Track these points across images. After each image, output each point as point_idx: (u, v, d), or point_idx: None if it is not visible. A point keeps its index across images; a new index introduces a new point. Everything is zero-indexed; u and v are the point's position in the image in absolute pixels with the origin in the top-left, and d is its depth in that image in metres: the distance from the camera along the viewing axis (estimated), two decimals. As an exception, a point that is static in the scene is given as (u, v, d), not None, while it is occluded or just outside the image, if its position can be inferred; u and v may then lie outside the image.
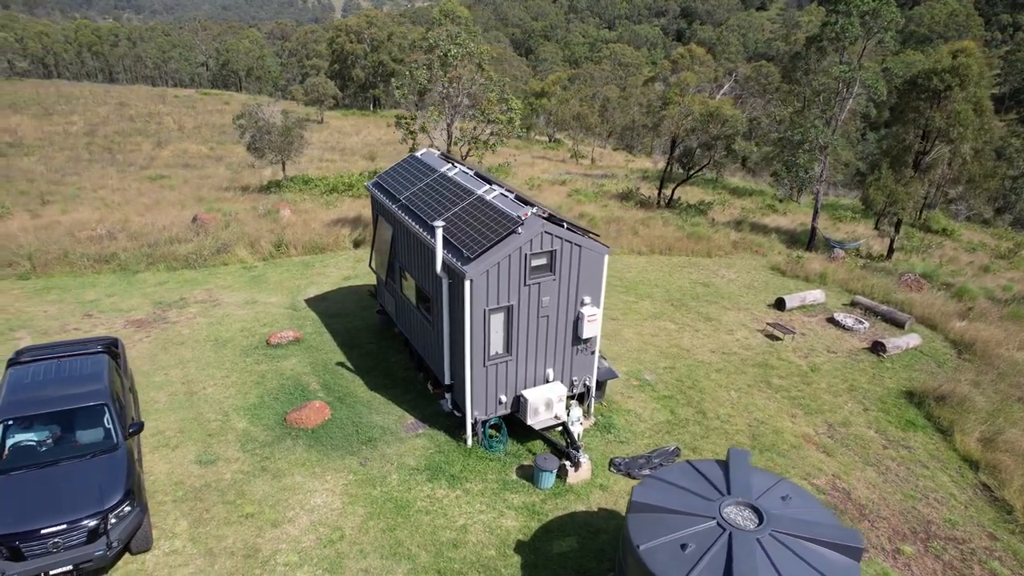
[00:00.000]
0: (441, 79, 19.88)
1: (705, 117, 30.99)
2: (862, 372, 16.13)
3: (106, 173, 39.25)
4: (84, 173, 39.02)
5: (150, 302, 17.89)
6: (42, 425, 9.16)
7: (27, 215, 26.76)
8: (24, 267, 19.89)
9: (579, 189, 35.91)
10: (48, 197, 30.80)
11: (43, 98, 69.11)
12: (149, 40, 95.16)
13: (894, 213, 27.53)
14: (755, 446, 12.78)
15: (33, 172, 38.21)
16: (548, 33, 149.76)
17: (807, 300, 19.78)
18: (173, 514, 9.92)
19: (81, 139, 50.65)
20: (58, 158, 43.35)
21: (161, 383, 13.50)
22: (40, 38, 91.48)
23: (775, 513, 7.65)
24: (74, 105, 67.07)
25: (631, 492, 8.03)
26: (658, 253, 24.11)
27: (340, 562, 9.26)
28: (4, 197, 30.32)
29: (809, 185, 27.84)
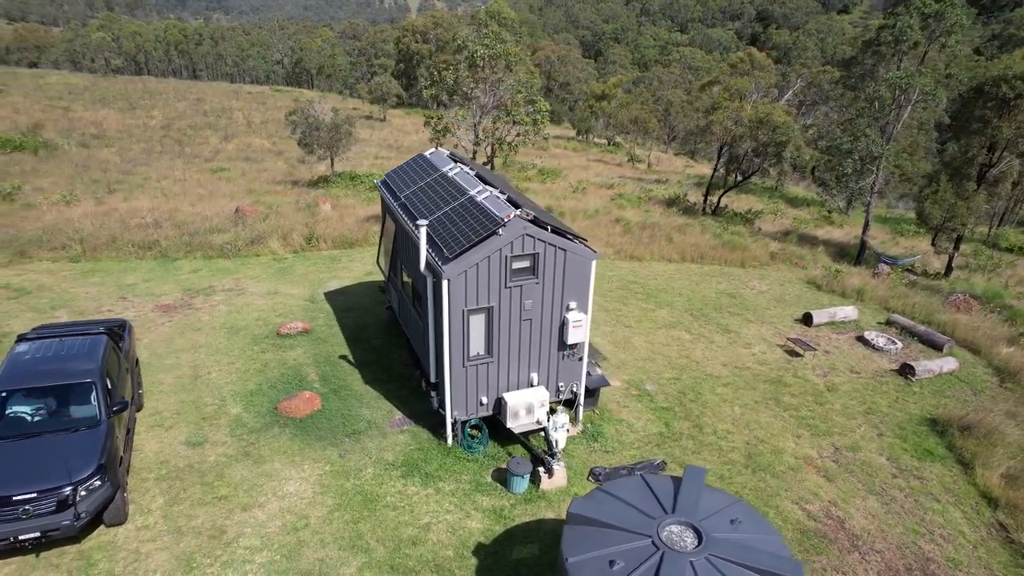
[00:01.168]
0: (467, 80, 20.01)
1: (754, 123, 30.00)
2: (884, 395, 15.26)
3: (173, 165, 41.34)
4: (153, 164, 41.21)
5: (181, 288, 18.75)
6: (34, 398, 9.75)
7: (93, 202, 28.49)
8: (76, 250, 21.21)
9: (623, 194, 35.42)
10: (115, 186, 32.69)
11: (130, 93, 73.50)
12: (230, 39, 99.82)
13: (952, 229, 25.92)
14: (749, 465, 12.30)
15: (109, 162, 40.60)
16: (619, 36, 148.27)
17: (837, 316, 18.87)
18: (152, 491, 10.37)
19: (157, 132, 53.54)
20: (134, 150, 45.94)
21: (171, 366, 14.13)
22: (134, 37, 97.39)
23: (717, 536, 7.35)
24: (156, 100, 71.05)
25: (570, 503, 7.87)
26: (689, 261, 23.51)
27: (299, 550, 9.46)
28: (77, 185, 32.41)
29: (860, 197, 26.51)
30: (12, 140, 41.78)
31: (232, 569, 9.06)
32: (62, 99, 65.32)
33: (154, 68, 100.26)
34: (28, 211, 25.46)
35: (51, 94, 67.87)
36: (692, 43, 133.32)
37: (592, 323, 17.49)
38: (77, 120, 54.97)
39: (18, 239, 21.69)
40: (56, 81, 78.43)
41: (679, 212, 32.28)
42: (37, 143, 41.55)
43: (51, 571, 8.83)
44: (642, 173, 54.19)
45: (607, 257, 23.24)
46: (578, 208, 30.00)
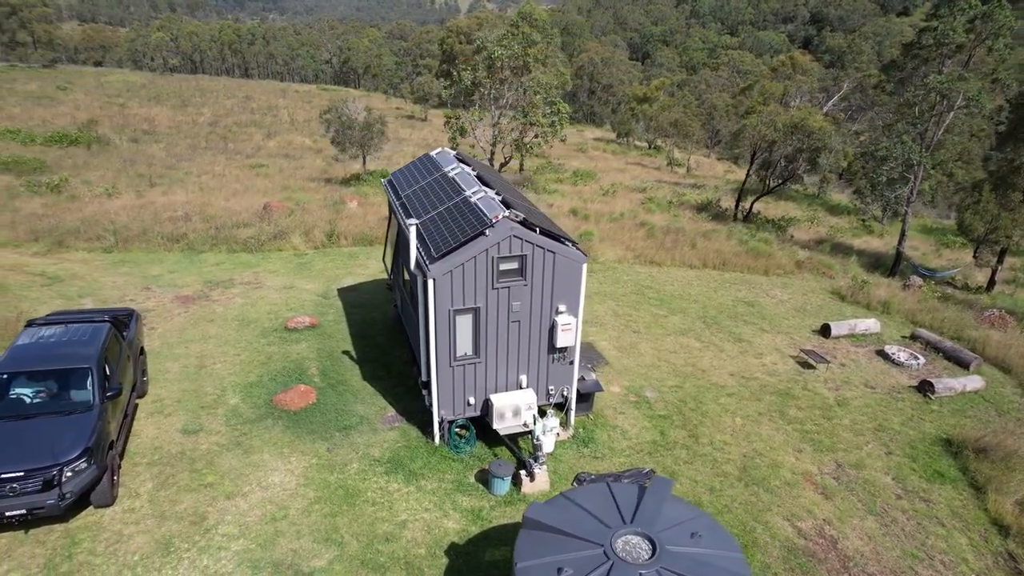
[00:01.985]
0: (485, 80, 20.05)
1: (788, 128, 29.25)
2: (898, 412, 14.68)
3: (215, 160, 42.61)
4: (197, 160, 42.56)
5: (202, 280, 19.32)
6: (34, 381, 10.19)
7: (133, 195, 29.59)
8: (109, 241, 22.08)
9: (653, 197, 34.97)
10: (156, 180, 33.90)
11: (183, 91, 76.15)
12: (280, 39, 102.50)
13: (995, 241, 24.76)
14: (743, 478, 11.98)
15: (155, 158, 42.12)
16: (667, 38, 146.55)
17: (858, 329, 18.24)
18: (143, 475, 10.71)
19: (204, 129, 55.31)
20: (180, 145, 47.55)
21: (179, 355, 14.58)
22: (190, 37, 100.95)
23: (672, 550, 7.18)
24: (207, 98, 73.44)
25: (528, 507, 7.81)
26: (711, 268, 23.06)
27: (274, 539, 9.64)
28: (122, 179, 33.72)
29: (895, 206, 25.57)
30: (68, 135, 43.76)
31: (208, 555, 9.28)
32: (120, 96, 68.08)
33: (209, 67, 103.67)
34: (72, 203, 26.61)
35: (110, 91, 70.80)
36: (742, 46, 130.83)
37: (599, 327, 17.34)
38: (131, 116, 57.21)
39: (58, 229, 22.71)
40: (116, 79, 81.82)
41: (709, 218, 31.70)
42: (90, 138, 43.39)
43: (38, 547, 9.21)
44: (680, 177, 53.41)
45: (625, 261, 22.99)
46: (604, 211, 29.75)
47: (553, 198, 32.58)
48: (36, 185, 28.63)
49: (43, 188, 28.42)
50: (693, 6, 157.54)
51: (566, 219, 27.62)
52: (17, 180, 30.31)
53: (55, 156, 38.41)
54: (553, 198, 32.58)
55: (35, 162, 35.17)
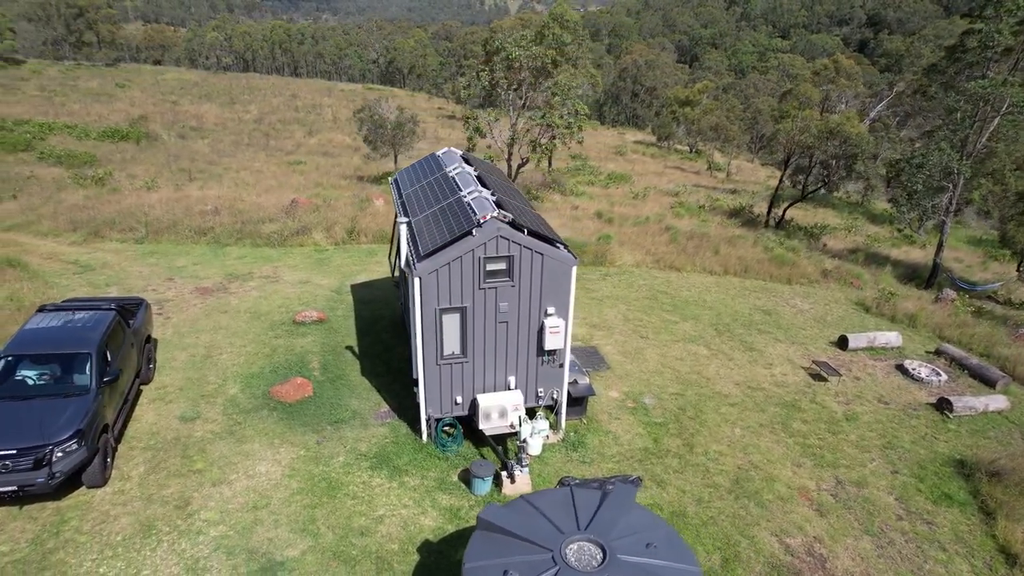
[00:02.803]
0: (502, 81, 20.06)
1: (823, 133, 28.42)
2: (911, 430, 14.11)
3: (255, 157, 43.77)
4: (238, 156, 43.79)
5: (223, 273, 19.87)
6: (36, 364, 10.66)
7: (172, 189, 30.63)
8: (141, 233, 22.92)
9: (684, 202, 34.43)
10: (196, 175, 35.02)
11: (232, 89, 78.43)
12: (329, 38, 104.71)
13: (1041, 255, 23.55)
14: (734, 490, 11.70)
15: (199, 153, 43.51)
16: (716, 41, 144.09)
17: (877, 342, 17.60)
18: (136, 459, 11.09)
19: (249, 126, 56.85)
20: (224, 142, 48.99)
21: (189, 344, 15.03)
22: (243, 37, 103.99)
23: (623, 559, 7.07)
24: (255, 96, 75.48)
25: (483, 508, 7.80)
26: (732, 274, 22.58)
27: (253, 527, 9.85)
28: (164, 173, 34.94)
29: (932, 216, 24.56)
30: (120, 131, 45.58)
31: (187, 539, 9.55)
32: (173, 94, 70.53)
33: (260, 65, 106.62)
34: (112, 195, 27.70)
35: (165, 89, 73.43)
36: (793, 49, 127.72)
37: (606, 331, 17.18)
38: (181, 113, 59.20)
39: (95, 220, 23.69)
40: (172, 77, 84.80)
41: (739, 224, 31.05)
42: (139, 134, 45.08)
43: (29, 523, 9.63)
44: (719, 182, 52.48)
45: (644, 265, 22.70)
46: (630, 214, 29.44)
47: (580, 200, 32.41)
48: (82, 178, 29.92)
49: (88, 181, 29.67)
50: (744, 8, 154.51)
51: (590, 222, 27.45)
52: (67, 173, 31.73)
53: (106, 150, 40.03)
54: (580, 200, 32.41)
55: (86, 156, 36.76)
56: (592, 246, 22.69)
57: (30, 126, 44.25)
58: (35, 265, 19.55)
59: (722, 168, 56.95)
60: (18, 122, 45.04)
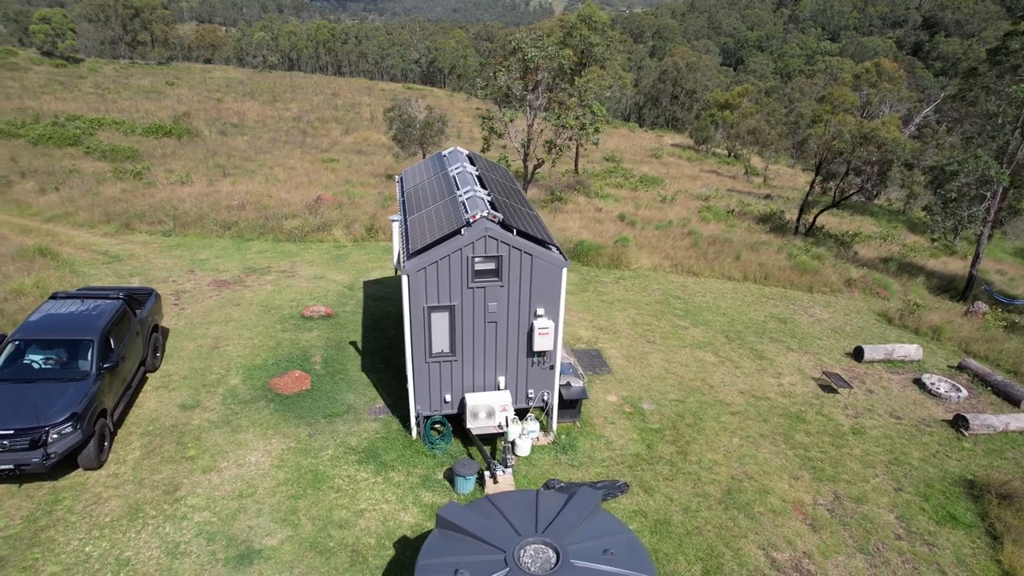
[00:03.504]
0: (518, 82, 20.07)
1: (857, 138, 27.61)
2: (921, 447, 13.60)
3: (291, 154, 44.70)
4: (274, 152, 44.79)
5: (242, 267, 20.36)
6: (42, 349, 11.10)
7: (205, 184, 31.51)
8: (169, 226, 23.65)
9: (712, 206, 33.86)
10: (230, 171, 35.94)
11: (275, 87, 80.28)
12: (372, 38, 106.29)
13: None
14: (724, 501, 11.46)
15: (237, 149, 44.64)
16: (762, 44, 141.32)
17: (895, 354, 17.01)
18: (134, 444, 11.45)
19: (288, 123, 58.11)
20: (263, 139, 50.15)
21: (198, 335, 15.45)
22: (289, 36, 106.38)
23: (576, 564, 7.01)
24: (297, 94, 77.11)
25: (443, 506, 7.81)
26: (751, 281, 22.11)
27: (236, 515, 10.07)
28: (201, 168, 35.96)
29: (968, 225, 23.62)
30: (163, 126, 47.06)
31: (171, 523, 9.82)
32: (218, 91, 72.53)
33: (304, 64, 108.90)
34: (148, 189, 28.63)
35: (211, 87, 75.59)
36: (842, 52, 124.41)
37: (613, 334, 17.03)
38: (224, 110, 60.82)
39: (127, 213, 24.53)
40: (219, 75, 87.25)
41: (767, 230, 30.40)
42: (182, 130, 46.47)
43: (25, 501, 10.04)
44: (755, 187, 51.51)
45: (661, 269, 22.41)
46: (653, 218, 29.10)
47: (605, 203, 32.18)
48: (121, 172, 31.00)
49: (127, 175, 30.72)
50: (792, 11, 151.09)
51: (611, 224, 27.22)
52: (108, 167, 32.93)
53: (149, 146, 41.39)
54: (605, 203, 32.18)
55: (128, 151, 38.08)
56: (608, 249, 22.51)
57: (81, 122, 46.02)
58: (66, 255, 20.35)
59: (759, 173, 55.84)
60: (70, 117, 46.91)
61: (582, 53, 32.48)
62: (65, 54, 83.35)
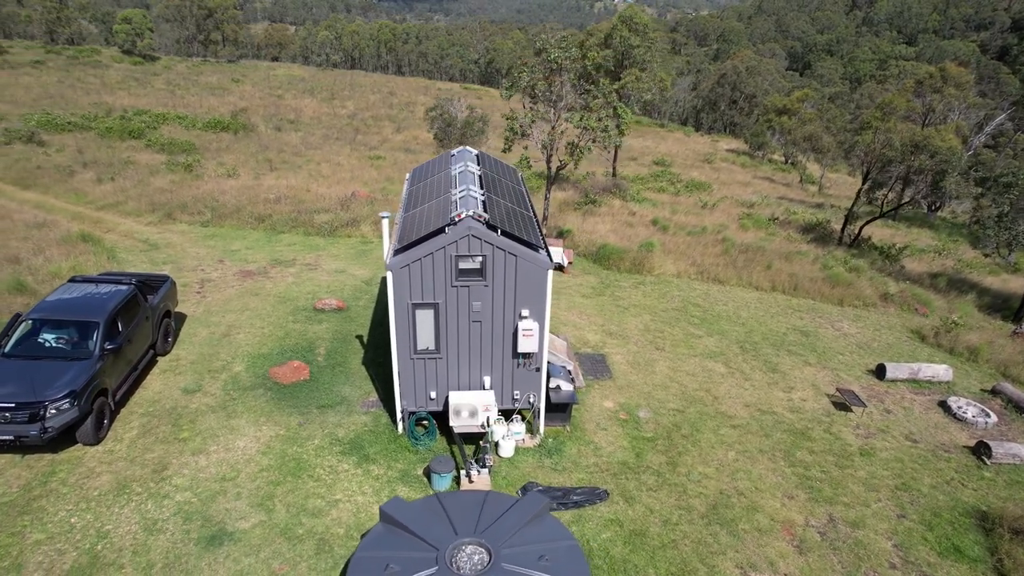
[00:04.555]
0: (541, 83, 19.96)
1: (908, 147, 26.32)
2: (935, 473, 12.86)
3: (340, 150, 45.77)
4: (324, 148, 45.97)
5: (269, 258, 21.00)
6: (53, 329, 11.73)
7: (250, 178, 32.63)
8: (207, 216, 24.61)
9: (752, 214, 32.88)
10: (277, 166, 37.11)
11: (335, 85, 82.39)
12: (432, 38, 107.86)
13: None
14: (708, 515, 11.13)
15: (288, 144, 46.04)
16: (832, 47, 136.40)
17: (922, 374, 16.14)
18: (133, 424, 11.97)
19: (343, 120, 59.56)
20: (316, 135, 51.54)
21: (213, 322, 16.02)
22: (352, 36, 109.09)
23: (507, 567, 6.95)
24: (355, 92, 78.92)
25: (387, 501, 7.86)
26: (779, 291, 21.37)
27: (214, 496, 10.41)
28: (250, 162, 37.25)
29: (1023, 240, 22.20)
30: (221, 121, 48.97)
31: (153, 501, 10.23)
32: (280, 88, 74.94)
33: (366, 63, 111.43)
34: (195, 181, 29.85)
35: (273, 84, 78.19)
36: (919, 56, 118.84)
37: (621, 340, 16.78)
38: (283, 107, 62.80)
39: (171, 203, 25.65)
40: (282, 73, 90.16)
41: (809, 239, 29.31)
42: (238, 125, 48.26)
43: (25, 471, 10.64)
44: (808, 195, 49.78)
45: (685, 276, 21.92)
46: (688, 223, 28.49)
47: (642, 207, 31.70)
48: (174, 164, 32.43)
49: (179, 167, 32.12)
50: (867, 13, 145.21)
51: (642, 228, 26.81)
52: (164, 159, 34.51)
53: (206, 140, 43.15)
54: (642, 207, 31.70)
55: (186, 144, 39.80)
56: (632, 253, 22.17)
57: (148, 116, 48.38)
58: (109, 241, 21.44)
59: (815, 181, 53.93)
60: (138, 112, 49.39)
61: (622, 55, 32.10)
62: (143, 52, 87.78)
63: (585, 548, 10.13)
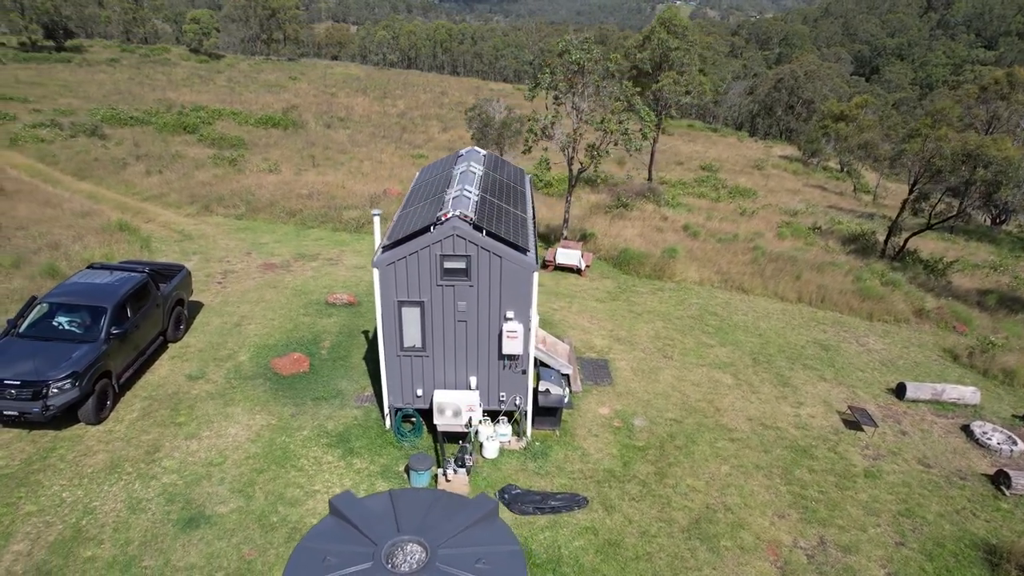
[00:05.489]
0: (562, 84, 19.81)
1: (960, 156, 25.02)
2: (945, 501, 12.19)
3: (384, 148, 46.55)
4: (369, 146, 46.81)
5: (294, 252, 21.54)
6: (65, 312, 12.33)
7: (291, 173, 33.53)
8: (241, 210, 25.42)
9: (792, 222, 31.86)
10: (320, 162, 38.02)
11: (388, 84, 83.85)
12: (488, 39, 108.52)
13: None
14: (689, 530, 10.84)
15: (335, 142, 47.08)
16: (903, 51, 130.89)
17: (946, 395, 15.32)
18: (135, 407, 12.47)
19: (392, 119, 60.56)
20: (363, 133, 52.56)
21: (228, 312, 16.54)
22: (409, 36, 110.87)
23: (440, 567, 6.93)
24: (407, 91, 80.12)
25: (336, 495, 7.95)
26: (805, 303, 20.63)
27: (199, 480, 10.75)
28: (295, 158, 38.29)
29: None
30: (272, 118, 50.49)
31: (141, 481, 10.64)
32: (335, 86, 76.75)
33: (422, 63, 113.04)
34: (237, 175, 30.87)
35: (329, 82, 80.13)
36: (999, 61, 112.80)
37: (629, 346, 16.53)
38: (336, 104, 64.29)
39: (209, 196, 26.61)
40: (339, 72, 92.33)
41: (849, 250, 28.21)
42: (288, 121, 49.66)
43: (29, 445, 11.23)
44: (861, 205, 48.00)
45: (708, 283, 21.40)
46: (721, 230, 27.82)
47: (676, 212, 31.14)
48: (219, 159, 33.63)
49: (224, 161, 33.29)
50: (943, 15, 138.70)
51: (672, 234, 26.32)
52: (213, 154, 35.81)
53: (256, 135, 44.54)
54: (676, 212, 31.14)
55: (235, 139, 41.20)
56: (653, 258, 21.79)
57: (204, 112, 50.27)
58: (146, 231, 22.39)
59: (869, 190, 51.86)
60: (196, 108, 51.37)
61: (660, 57, 31.57)
62: (208, 51, 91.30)
63: (555, 555, 10.03)
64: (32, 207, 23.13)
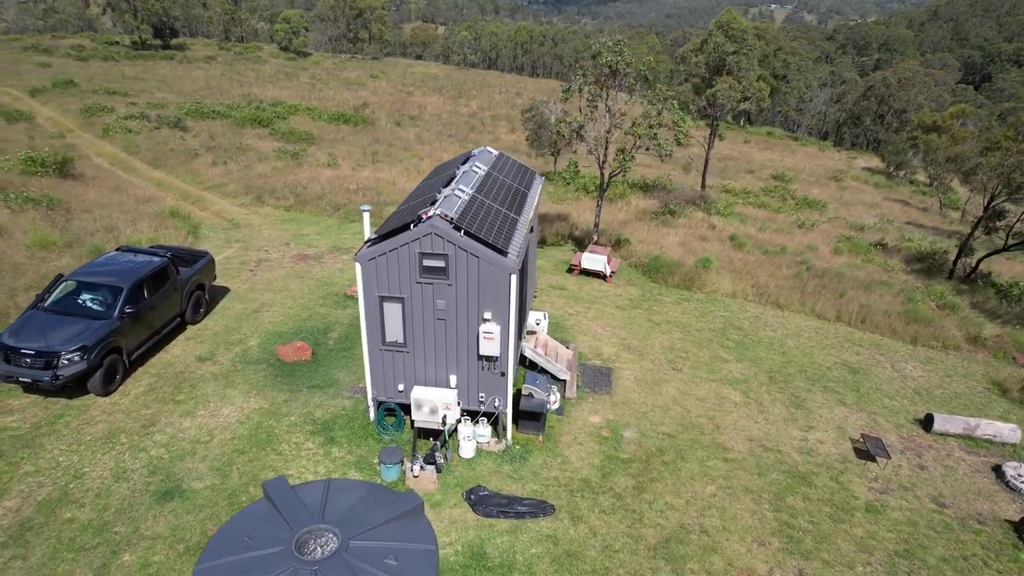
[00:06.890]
0: (593, 87, 19.48)
1: (1039, 172, 22.97)
2: (953, 545, 11.25)
3: (448, 147, 47.25)
4: (434, 144, 47.62)
5: (330, 245, 22.23)
6: (87, 290, 13.23)
7: (349, 168, 34.62)
8: (290, 202, 26.46)
9: (854, 237, 30.13)
10: (381, 158, 39.04)
11: (465, 84, 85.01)
12: (569, 41, 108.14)
13: None
14: (656, 549, 10.48)
15: (401, 139, 48.20)
16: (1021, 57, 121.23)
17: (980, 431, 14.11)
18: (142, 382, 13.23)
19: (462, 118, 61.40)
20: (431, 131, 53.56)
21: (250, 299, 17.26)
22: (490, 37, 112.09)
23: (347, 557, 7.02)
24: (482, 91, 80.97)
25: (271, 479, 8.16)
26: (844, 323, 19.47)
27: (183, 456, 11.31)
28: (357, 153, 39.50)
29: None
30: (344, 114, 52.21)
31: (131, 452, 11.30)
32: (412, 85, 78.56)
33: (502, 64, 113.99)
34: (296, 168, 32.15)
35: (408, 81, 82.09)
36: None
37: (638, 355, 16.16)
38: (409, 103, 65.79)
39: (263, 188, 27.83)
40: (419, 71, 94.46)
41: (913, 270, 26.43)
42: (359, 118, 51.23)
43: (43, 411, 12.13)
44: (945, 223, 44.88)
45: (741, 296, 20.55)
46: (771, 242, 26.67)
47: (727, 221, 30.10)
48: (282, 152, 35.12)
49: (286, 155, 34.74)
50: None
51: (715, 243, 25.46)
52: (278, 147, 37.44)
53: (326, 131, 46.20)
54: (727, 221, 30.10)
55: (304, 134, 42.87)
56: (684, 268, 21.13)
57: (282, 107, 52.56)
58: (197, 218, 23.68)
59: (958, 207, 48.36)
60: (274, 103, 53.80)
61: (718, 61, 30.52)
62: (296, 49, 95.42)
63: (509, 560, 9.93)
64: (102, 192, 24.91)
